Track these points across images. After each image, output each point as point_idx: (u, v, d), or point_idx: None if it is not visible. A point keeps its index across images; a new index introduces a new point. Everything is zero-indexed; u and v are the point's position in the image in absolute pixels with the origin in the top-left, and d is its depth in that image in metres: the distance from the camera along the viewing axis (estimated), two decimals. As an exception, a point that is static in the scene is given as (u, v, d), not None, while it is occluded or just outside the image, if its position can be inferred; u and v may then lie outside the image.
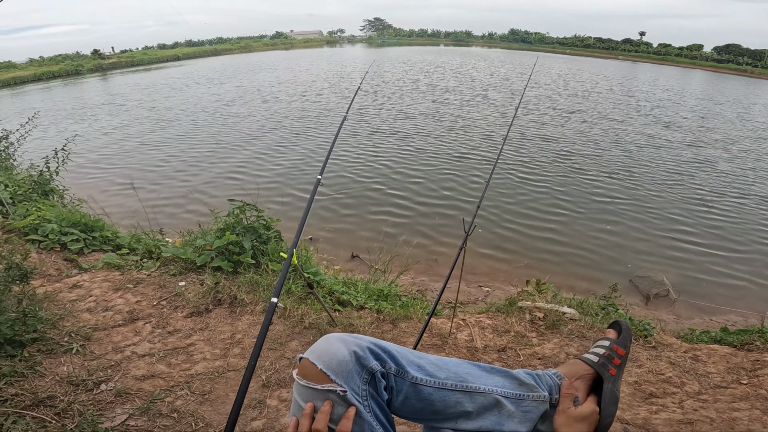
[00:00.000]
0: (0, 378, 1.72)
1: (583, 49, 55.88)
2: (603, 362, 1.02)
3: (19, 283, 2.19)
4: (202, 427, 1.68)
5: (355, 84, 17.61)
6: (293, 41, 66.91)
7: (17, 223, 3.42)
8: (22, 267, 2.23)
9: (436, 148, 8.75)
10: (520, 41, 63.60)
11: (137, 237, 3.52)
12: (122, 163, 8.14)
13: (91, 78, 26.90)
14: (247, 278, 2.72)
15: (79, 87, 21.97)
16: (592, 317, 2.80)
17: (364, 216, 5.73)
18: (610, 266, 4.76)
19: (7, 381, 1.71)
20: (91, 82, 24.12)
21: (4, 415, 1.51)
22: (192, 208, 5.90)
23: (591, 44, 58.08)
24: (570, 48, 57.63)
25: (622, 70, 32.96)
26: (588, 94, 17.57)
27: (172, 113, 12.77)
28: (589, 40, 59.92)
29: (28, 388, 1.71)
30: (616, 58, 48.14)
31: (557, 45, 60.22)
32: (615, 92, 18.66)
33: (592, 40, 59.55)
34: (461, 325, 2.66)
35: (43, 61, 32.51)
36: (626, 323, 1.11)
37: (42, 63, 31.92)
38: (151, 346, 2.11)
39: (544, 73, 24.16)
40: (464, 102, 14.05)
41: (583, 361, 1.03)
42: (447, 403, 0.89)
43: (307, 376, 0.83)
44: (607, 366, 1.01)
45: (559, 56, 45.77)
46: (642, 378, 2.20)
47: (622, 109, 14.28)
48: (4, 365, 1.79)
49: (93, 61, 33.93)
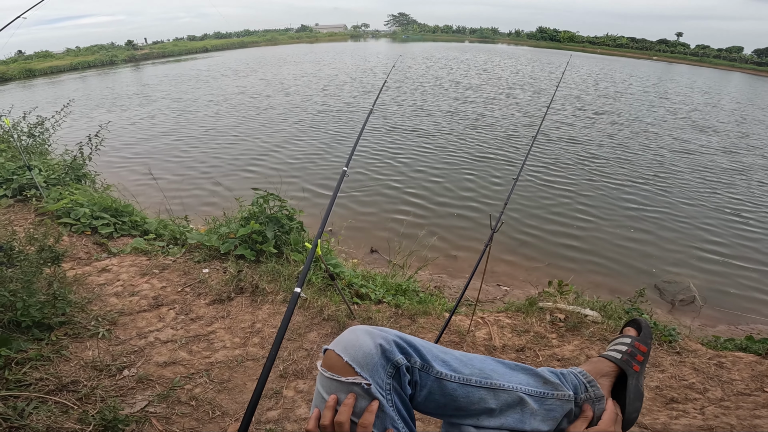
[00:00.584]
0: (26, 362, 1.75)
1: (615, 49, 54.06)
2: (626, 359, 1.01)
3: (51, 265, 2.24)
4: (219, 415, 1.69)
5: (377, 79, 17.52)
6: (318, 35, 67.07)
7: (50, 207, 3.52)
8: (54, 249, 2.29)
9: (457, 147, 8.61)
10: (548, 39, 61.59)
11: (164, 223, 3.58)
12: (146, 152, 8.29)
13: (124, 68, 27.54)
14: (269, 267, 2.74)
15: (112, 77, 22.52)
16: (615, 321, 2.72)
17: (383, 212, 5.69)
18: (635, 271, 4.61)
19: (33, 365, 1.74)
20: (123, 73, 24.70)
21: (27, 400, 1.54)
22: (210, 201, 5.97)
23: (624, 44, 56.09)
24: (601, 47, 55.81)
25: (656, 70, 31.72)
26: (620, 95, 16.82)
27: (196, 105, 12.90)
28: (622, 39, 57.91)
29: (52, 373, 1.74)
30: (650, 59, 46.44)
31: (587, 44, 58.29)
32: (649, 93, 17.81)
33: (625, 40, 57.53)
34: (480, 324, 2.62)
35: (79, 51, 33.39)
36: (646, 321, 1.10)
37: (78, 53, 32.79)
38: (174, 333, 2.14)
39: (573, 72, 23.40)
40: (487, 100, 13.73)
41: (606, 359, 1.02)
42: (471, 400, 0.88)
43: (332, 367, 0.82)
44: (630, 363, 1.01)
45: (589, 55, 44.33)
46: (664, 383, 2.14)
47: (656, 111, 13.63)
48: (30, 349, 1.83)
49: (127, 51, 34.71)
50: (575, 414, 0.93)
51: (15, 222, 3.41)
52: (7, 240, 2.47)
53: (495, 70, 23.21)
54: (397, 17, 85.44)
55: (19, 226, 3.31)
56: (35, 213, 3.63)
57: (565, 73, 20.94)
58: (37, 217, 3.53)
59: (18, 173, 4.09)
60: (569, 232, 5.38)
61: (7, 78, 22.50)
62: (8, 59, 27.73)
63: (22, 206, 3.79)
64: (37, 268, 2.08)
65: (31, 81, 22.26)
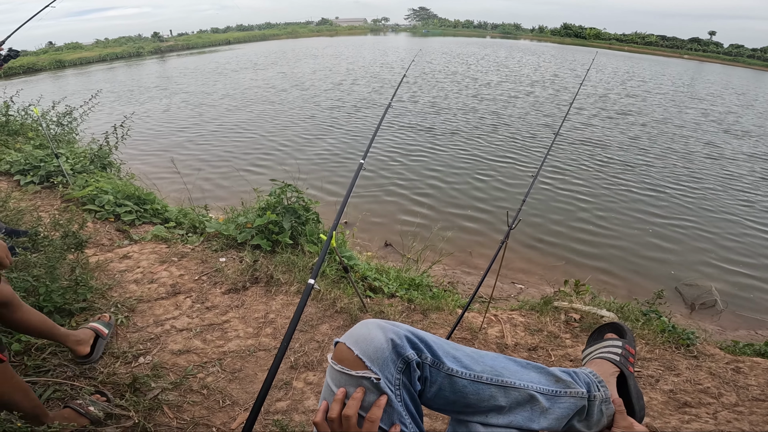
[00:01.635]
0: (45, 348, 1.77)
1: (643, 47, 52.35)
2: (623, 361, 1.05)
3: (75, 251, 2.28)
4: (229, 405, 1.69)
5: (394, 74, 17.32)
6: (338, 28, 66.92)
7: (76, 193, 3.59)
8: (78, 235, 2.32)
9: (475, 144, 8.47)
10: (572, 36, 59.67)
11: (184, 211, 3.61)
12: (167, 142, 8.39)
13: (150, 60, 27.97)
14: (284, 258, 2.73)
15: (137, 69, 22.90)
16: (632, 323, 2.64)
17: (399, 206, 5.65)
18: (655, 273, 4.48)
19: (52, 351, 1.77)
20: (149, 64, 25.09)
21: (44, 386, 1.56)
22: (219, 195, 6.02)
23: (653, 42, 54.23)
24: (629, 45, 54.03)
25: (688, 69, 30.39)
26: (648, 95, 15.96)
27: (210, 98, 12.93)
28: (651, 37, 55.96)
29: (70, 359, 1.76)
30: (680, 57, 44.86)
31: (614, 41, 56.47)
32: (680, 93, 16.87)
33: (655, 38, 55.60)
34: (492, 321, 2.57)
35: (108, 43, 34.04)
36: (626, 324, 1.16)
37: (106, 44, 33.44)
38: (190, 321, 2.16)
39: (598, 70, 22.48)
40: (506, 98, 13.40)
41: (608, 361, 1.05)
42: (480, 397, 0.87)
43: (343, 361, 0.82)
44: (625, 364, 1.04)
45: (616, 53, 42.85)
46: (678, 387, 2.08)
47: (688, 113, 12.91)
48: None
49: (153, 43, 35.25)
50: (588, 411, 0.93)
51: (41, 208, 3.48)
52: (33, 225, 2.53)
53: (515, 66, 22.64)
54: (418, 12, 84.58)
55: (45, 211, 3.38)
56: (61, 199, 3.71)
57: (589, 71, 20.22)
58: (62, 204, 3.61)
59: (46, 160, 4.18)
60: (588, 231, 5.25)
61: (38, 68, 23.09)
62: (39, 50, 28.46)
63: (49, 192, 3.88)
64: (61, 253, 2.12)
65: (61, 72, 22.81)
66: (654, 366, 2.20)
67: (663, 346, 2.37)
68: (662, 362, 2.23)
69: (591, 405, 0.94)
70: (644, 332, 2.48)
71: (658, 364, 2.22)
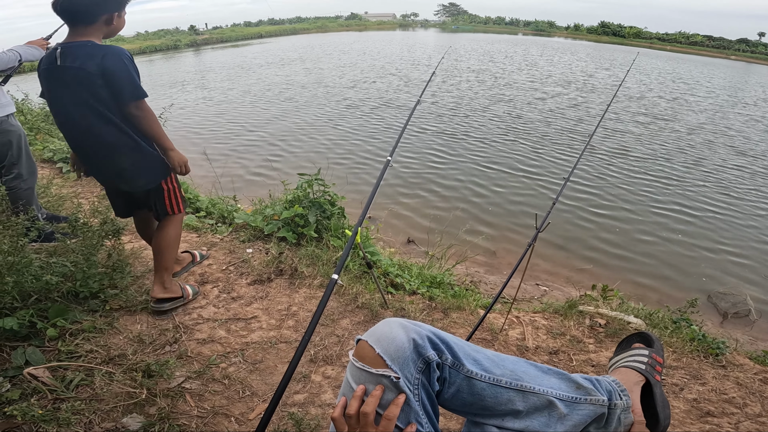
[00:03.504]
0: (79, 333, 1.81)
1: (687, 47, 49.39)
2: (649, 370, 1.04)
3: (111, 238, 2.35)
4: (248, 395, 1.70)
5: (422, 72, 17.02)
6: (367, 23, 66.66)
7: (115, 182, 3.70)
8: (116, 223, 2.39)
9: (506, 143, 8.19)
10: (610, 34, 56.33)
11: (214, 201, 3.68)
12: (195, 137, 8.56)
13: (186, 53, 28.63)
14: (308, 251, 2.74)
15: (174, 61, 23.48)
16: (661, 330, 2.53)
17: (423, 203, 5.57)
18: (687, 280, 4.27)
19: (85, 336, 1.81)
20: (185, 57, 25.69)
21: (76, 372, 1.60)
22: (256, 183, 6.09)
23: (699, 41, 51.21)
24: (671, 44, 51.21)
25: (737, 71, 28.28)
26: (690, 97, 14.72)
27: (232, 93, 12.95)
28: (697, 37, 52.78)
29: (102, 345, 1.80)
30: (727, 58, 42.26)
31: (656, 40, 53.51)
32: (728, 96, 15.57)
33: (700, 38, 52.53)
34: (514, 323, 2.51)
35: (147, 36, 35.03)
36: (654, 335, 1.14)
37: (146, 37, 34.42)
38: (215, 311, 2.18)
39: (637, 71, 20.89)
40: (538, 98, 12.80)
41: (634, 370, 1.04)
42: (498, 400, 0.87)
43: (363, 358, 0.83)
44: (652, 373, 1.03)
45: (658, 52, 40.63)
46: (703, 396, 2.00)
47: (735, 118, 11.78)
48: (85, 320, 1.89)
49: (189, 36, 36.04)
50: (606, 419, 0.92)
51: (81, 195, 3.62)
52: (73, 212, 2.62)
53: (545, 66, 21.61)
54: (448, 7, 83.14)
55: (85, 198, 3.51)
56: (100, 187, 3.84)
57: (624, 70, 18.91)
58: (101, 191, 3.74)
59: (88, 149, 4.34)
60: (618, 234, 5.02)
61: (83, 60, 23.95)
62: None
63: (89, 180, 4.02)
64: (99, 240, 2.18)
65: (104, 63, 23.52)
66: (680, 374, 2.12)
67: (691, 355, 2.28)
68: (689, 371, 2.15)
69: (611, 413, 0.93)
70: (672, 340, 2.39)
71: (684, 372, 2.14)
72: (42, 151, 4.55)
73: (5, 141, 2.45)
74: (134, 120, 1.80)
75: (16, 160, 2.52)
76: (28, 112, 5.84)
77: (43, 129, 5.36)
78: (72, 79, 1.69)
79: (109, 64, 1.68)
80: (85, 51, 1.68)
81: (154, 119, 1.85)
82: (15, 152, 2.50)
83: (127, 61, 1.73)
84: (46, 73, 1.74)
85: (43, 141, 4.87)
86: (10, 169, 2.52)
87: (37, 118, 5.66)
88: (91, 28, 1.72)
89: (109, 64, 1.68)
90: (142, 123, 1.81)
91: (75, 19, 1.70)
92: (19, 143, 2.51)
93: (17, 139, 2.50)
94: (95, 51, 1.68)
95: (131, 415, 1.44)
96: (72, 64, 1.67)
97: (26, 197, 2.60)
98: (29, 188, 2.62)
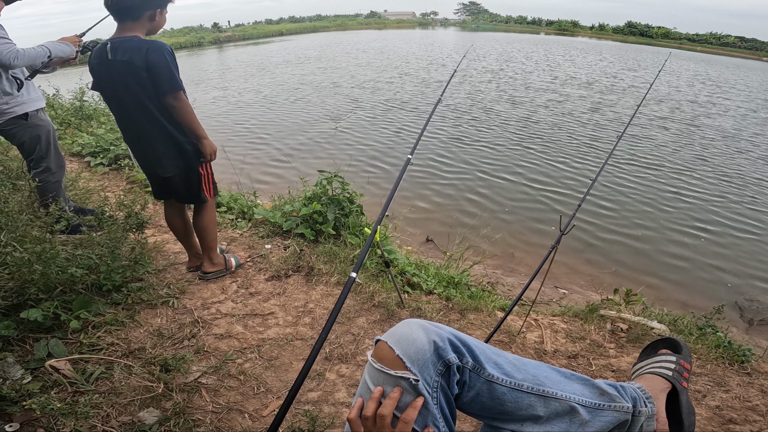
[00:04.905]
0: (101, 326, 1.83)
1: (719, 48, 47.38)
2: (676, 376, 1.02)
3: (135, 231, 2.37)
4: (263, 392, 1.69)
5: (438, 72, 16.76)
6: (386, 21, 66.42)
7: (140, 176, 3.76)
8: (140, 216, 2.41)
9: (528, 144, 7.95)
10: (637, 35, 54.09)
11: (235, 197, 3.70)
12: (218, 131, 8.64)
13: (209, 50, 29.01)
14: (326, 248, 2.73)
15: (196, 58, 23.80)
16: (686, 336, 2.44)
17: (444, 203, 5.47)
18: (713, 286, 4.10)
19: (107, 329, 1.82)
20: (208, 54, 26.03)
21: (96, 364, 1.61)
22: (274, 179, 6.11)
23: (730, 42, 49.08)
24: (702, 45, 49.25)
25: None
26: (722, 100, 13.85)
27: (247, 94, 12.96)
28: (729, 38, 50.57)
29: (123, 338, 1.81)
30: (759, 60, 40.44)
31: (685, 41, 51.39)
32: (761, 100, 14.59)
33: (732, 39, 50.37)
34: (532, 326, 2.44)
35: (173, 33, 35.63)
36: (682, 340, 1.11)
37: (172, 34, 35.00)
38: (234, 306, 2.18)
39: (667, 72, 19.97)
40: (563, 99, 12.32)
41: (660, 376, 1.02)
42: (518, 405, 0.85)
43: (382, 359, 0.80)
44: (679, 380, 1.01)
45: (687, 53, 39.08)
46: (725, 403, 1.93)
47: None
48: (108, 313, 1.91)
49: (212, 34, 36.53)
50: (629, 426, 0.91)
51: (108, 188, 3.68)
52: (100, 205, 2.65)
53: (566, 66, 20.91)
54: (468, 6, 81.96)
55: (111, 192, 3.57)
56: (126, 181, 3.91)
57: (651, 72, 17.87)
58: (127, 185, 3.80)
59: (115, 144, 4.42)
60: (642, 239, 4.83)
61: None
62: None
63: (116, 174, 4.10)
64: (123, 233, 2.21)
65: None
66: (703, 381, 2.05)
67: (716, 362, 2.20)
68: (712, 378, 2.08)
69: (635, 420, 0.91)
70: (697, 347, 2.30)
71: (708, 379, 2.07)
72: (71, 145, 4.66)
73: (34, 135, 2.50)
74: (172, 110, 1.92)
75: (45, 154, 2.57)
76: (59, 107, 5.98)
77: (73, 123, 5.49)
78: (122, 72, 1.81)
79: (153, 57, 1.79)
80: (132, 45, 1.80)
81: (190, 110, 1.96)
82: (44, 146, 2.55)
83: (168, 56, 1.84)
84: (97, 66, 1.86)
85: (73, 135, 4.98)
86: (39, 162, 2.57)
87: (67, 112, 5.80)
88: (136, 23, 1.84)
89: (153, 58, 1.79)
90: (179, 113, 1.93)
91: (122, 15, 1.82)
92: (48, 137, 2.56)
93: (46, 133, 2.55)
94: (141, 45, 1.80)
95: (148, 409, 1.44)
96: (122, 58, 1.79)
97: (54, 190, 2.65)
98: (57, 181, 2.67)
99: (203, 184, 2.17)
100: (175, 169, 2.04)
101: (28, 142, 2.51)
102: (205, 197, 2.20)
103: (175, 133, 1.97)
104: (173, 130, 1.96)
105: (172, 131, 1.95)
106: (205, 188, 2.18)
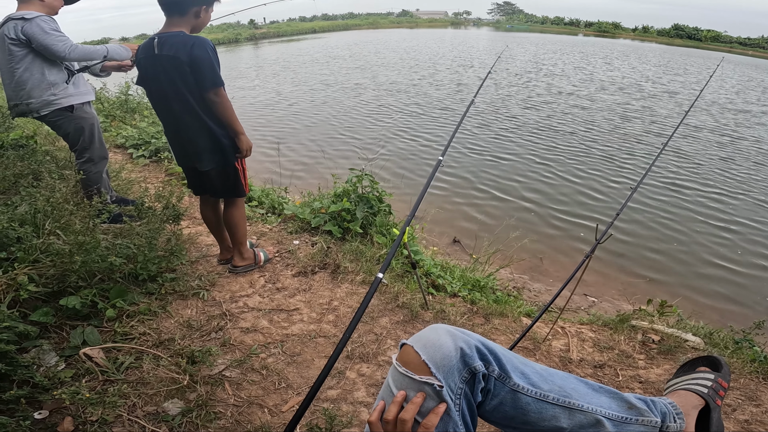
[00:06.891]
0: (134, 315, 1.86)
1: None
2: (711, 394, 0.99)
3: (172, 222, 2.43)
4: (284, 387, 1.68)
5: (468, 75, 16.31)
6: (418, 20, 65.84)
7: (178, 168, 3.86)
8: (177, 208, 2.47)
9: (564, 149, 7.66)
10: (684, 37, 51.07)
11: (266, 192, 3.74)
12: (262, 126, 8.78)
13: (245, 46, 29.58)
14: (353, 246, 2.71)
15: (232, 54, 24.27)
16: (721, 350, 2.30)
17: (472, 205, 5.35)
18: (753, 300, 3.86)
19: (140, 319, 1.85)
20: (244, 50, 26.53)
21: (128, 353, 1.63)
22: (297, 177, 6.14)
23: None
24: (753, 49, 46.16)
25: None
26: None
27: (289, 87, 13.07)
28: None
29: (155, 328, 1.83)
30: None
31: (736, 44, 48.24)
32: None
33: None
34: (558, 333, 2.35)
35: (211, 29, 36.47)
36: (724, 359, 1.09)
37: (211, 30, 35.83)
38: (261, 300, 2.20)
39: (719, 78, 18.37)
40: (604, 106, 11.60)
41: (694, 393, 1.00)
42: (542, 416, 0.83)
43: (408, 363, 0.79)
44: (714, 397, 0.99)
45: (738, 57, 36.74)
46: (755, 418, 1.84)
47: None
48: (142, 302, 1.94)
49: (249, 30, 37.24)
50: None
51: (148, 180, 3.80)
52: (140, 196, 2.74)
53: (603, 68, 19.89)
54: (502, 6, 79.90)
55: (151, 183, 3.68)
56: (165, 173, 4.03)
57: (700, 78, 16.53)
58: (166, 177, 3.91)
59: (156, 137, 4.56)
60: (677, 249, 4.59)
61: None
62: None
63: (156, 166, 4.23)
64: (161, 224, 2.26)
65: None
66: (734, 395, 1.95)
67: (749, 376, 2.08)
68: (744, 392, 1.97)
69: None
70: (731, 360, 2.18)
71: (740, 393, 1.97)
72: (115, 137, 4.84)
73: (78, 127, 2.59)
74: (212, 105, 1.93)
75: (88, 146, 2.66)
76: (105, 101, 6.23)
77: (118, 117, 5.71)
78: (167, 67, 1.84)
79: (197, 52, 1.81)
80: (178, 40, 1.82)
81: (230, 105, 1.97)
82: (87, 138, 2.64)
83: (211, 52, 1.85)
84: (144, 61, 1.89)
85: (117, 128, 5.18)
86: (82, 153, 2.67)
87: (113, 106, 6.04)
88: (182, 19, 1.87)
89: (197, 53, 1.81)
90: (219, 108, 1.94)
91: (170, 9, 1.85)
92: (91, 130, 2.65)
93: (90, 126, 2.64)
94: (186, 40, 1.82)
95: (172, 400, 1.46)
96: (168, 53, 1.81)
97: (97, 181, 2.74)
98: (98, 172, 2.76)
99: (241, 178, 2.19)
100: (212, 163, 2.06)
101: (72, 134, 2.61)
102: (243, 191, 2.22)
103: (215, 127, 1.98)
104: (213, 125, 1.97)
105: (211, 126, 1.96)
106: (243, 182, 2.20)
